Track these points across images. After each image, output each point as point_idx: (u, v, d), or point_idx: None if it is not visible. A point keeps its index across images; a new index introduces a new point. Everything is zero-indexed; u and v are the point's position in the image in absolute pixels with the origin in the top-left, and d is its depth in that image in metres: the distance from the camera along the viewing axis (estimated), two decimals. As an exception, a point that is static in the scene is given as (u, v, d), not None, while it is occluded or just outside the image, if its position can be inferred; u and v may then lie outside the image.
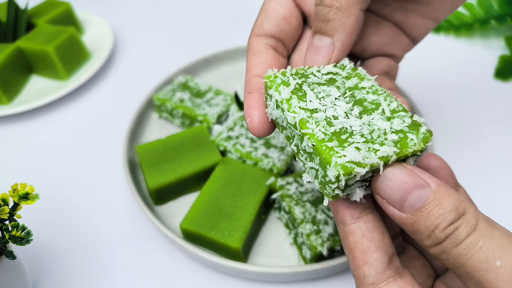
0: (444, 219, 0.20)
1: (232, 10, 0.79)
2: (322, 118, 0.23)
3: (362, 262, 0.23)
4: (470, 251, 0.19)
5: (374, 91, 0.26)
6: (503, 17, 0.64)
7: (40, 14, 0.67)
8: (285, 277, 0.39)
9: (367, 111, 0.24)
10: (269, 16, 0.30)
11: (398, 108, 0.24)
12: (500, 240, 0.19)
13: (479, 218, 0.20)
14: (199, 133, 0.49)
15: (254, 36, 0.30)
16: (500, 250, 0.19)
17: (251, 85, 0.28)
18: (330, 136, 0.23)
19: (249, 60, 0.30)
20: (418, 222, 0.21)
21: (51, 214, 0.47)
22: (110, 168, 0.51)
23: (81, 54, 0.64)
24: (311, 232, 0.39)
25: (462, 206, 0.20)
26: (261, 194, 0.42)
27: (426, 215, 0.20)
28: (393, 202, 0.21)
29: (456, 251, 0.20)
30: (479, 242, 0.19)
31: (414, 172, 0.21)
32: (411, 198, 0.21)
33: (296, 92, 0.25)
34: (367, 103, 0.25)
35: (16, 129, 0.58)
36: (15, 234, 0.32)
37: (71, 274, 0.42)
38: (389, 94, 0.25)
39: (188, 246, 0.39)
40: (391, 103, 0.25)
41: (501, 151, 0.51)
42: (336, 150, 0.22)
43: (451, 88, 0.60)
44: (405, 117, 0.24)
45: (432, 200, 0.20)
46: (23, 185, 0.33)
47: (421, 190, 0.21)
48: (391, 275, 0.23)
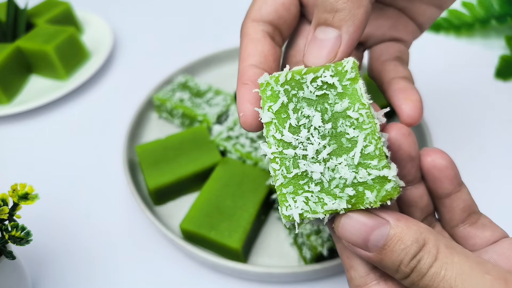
0: (407, 253, 0.21)
1: (232, 10, 0.79)
2: (291, 156, 0.23)
3: (348, 266, 0.25)
4: (434, 281, 0.20)
5: (359, 124, 0.23)
6: (504, 17, 0.64)
7: (40, 14, 0.67)
8: (285, 278, 0.39)
9: (340, 151, 0.23)
10: (268, 1, 0.28)
11: (374, 153, 0.22)
12: (460, 265, 0.20)
13: (439, 246, 0.21)
14: (199, 133, 0.49)
15: (250, 21, 0.29)
16: (461, 276, 0.20)
17: (246, 76, 0.27)
18: (289, 180, 0.23)
19: (244, 46, 0.28)
20: (384, 259, 0.22)
21: (50, 214, 0.47)
22: (110, 168, 0.51)
23: (81, 54, 0.64)
24: (311, 232, 0.39)
25: (422, 237, 0.21)
26: (261, 194, 0.42)
27: (390, 252, 0.21)
28: (357, 245, 0.22)
29: (422, 283, 0.21)
30: (441, 271, 0.20)
31: (372, 213, 0.22)
32: (373, 238, 0.22)
33: (280, 113, 0.24)
34: (344, 140, 0.23)
35: (16, 129, 0.58)
36: (15, 234, 0.32)
37: (70, 274, 0.42)
38: (373, 131, 0.22)
39: (188, 247, 0.39)
40: (369, 145, 0.22)
41: (502, 151, 0.51)
42: (287, 198, 0.23)
43: (452, 88, 0.60)
44: (375, 168, 0.22)
45: (392, 236, 0.21)
46: (23, 185, 0.33)
47: (381, 229, 0.22)
48: (375, 278, 0.24)
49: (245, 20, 0.29)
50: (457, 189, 0.26)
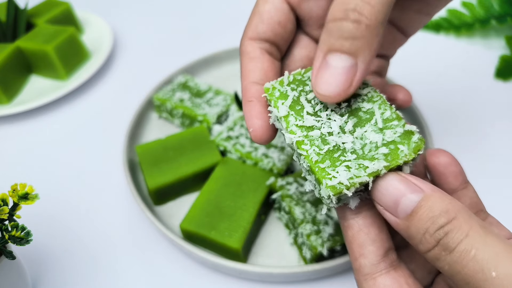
0: (433, 222, 0.20)
1: (232, 10, 0.79)
2: (317, 136, 0.24)
3: (359, 254, 0.24)
4: (463, 259, 0.19)
5: (369, 98, 0.25)
6: (504, 17, 0.64)
7: (40, 14, 0.67)
8: (285, 278, 0.39)
9: (361, 122, 0.25)
10: (264, 20, 0.29)
11: (392, 117, 0.25)
12: (493, 247, 0.19)
13: (473, 224, 0.20)
14: (199, 133, 0.49)
15: (248, 40, 0.29)
16: (494, 258, 0.19)
17: (250, 93, 0.28)
18: (323, 156, 0.24)
19: (244, 65, 0.29)
20: (410, 227, 0.21)
21: (50, 214, 0.47)
22: (110, 168, 0.51)
23: (81, 54, 0.64)
24: (311, 232, 0.39)
25: (454, 210, 0.20)
26: (261, 194, 0.42)
27: (417, 220, 0.21)
28: (388, 208, 0.22)
29: (450, 259, 0.20)
30: (472, 250, 0.19)
31: (407, 178, 0.22)
32: (403, 203, 0.21)
33: (294, 106, 0.26)
34: (361, 113, 0.25)
35: (16, 129, 0.58)
36: (15, 234, 0.32)
37: (71, 274, 0.42)
38: (384, 101, 0.25)
39: (188, 247, 0.39)
40: (385, 111, 0.25)
41: (502, 150, 0.51)
42: (328, 171, 0.23)
43: (452, 88, 0.60)
44: (398, 126, 0.24)
45: (423, 204, 0.21)
46: (23, 185, 0.33)
47: (413, 195, 0.21)
48: (385, 267, 0.24)
49: (242, 38, 0.30)
50: (463, 186, 0.26)
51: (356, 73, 0.23)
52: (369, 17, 0.22)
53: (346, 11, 0.22)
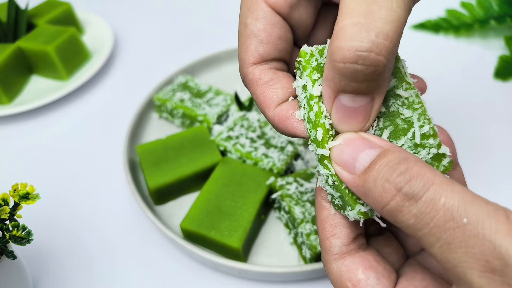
0: (393, 169, 0.19)
1: (233, 10, 0.79)
2: None
3: (330, 233, 0.24)
4: (432, 209, 0.18)
5: (410, 103, 0.23)
6: (503, 17, 0.64)
7: (41, 14, 0.67)
8: (285, 277, 0.39)
9: (398, 132, 0.23)
10: (263, 40, 0.26)
11: (429, 133, 0.23)
12: (462, 194, 0.18)
13: (435, 172, 0.19)
14: (199, 133, 0.49)
15: (251, 66, 0.26)
16: (464, 205, 0.17)
17: (284, 111, 0.25)
18: None
19: (261, 93, 0.25)
20: (367, 180, 0.20)
21: (51, 214, 0.47)
22: (111, 168, 0.51)
23: (82, 54, 0.64)
24: (311, 232, 0.39)
25: (414, 159, 0.19)
26: (261, 194, 0.42)
27: (374, 170, 0.19)
28: (345, 165, 0.21)
29: (417, 210, 0.18)
30: (441, 198, 0.18)
31: (367, 137, 0.21)
32: (361, 157, 0.20)
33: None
34: (399, 120, 0.23)
35: (17, 129, 0.58)
36: (16, 234, 0.32)
37: (71, 274, 0.42)
38: (424, 111, 0.23)
39: (188, 246, 0.39)
40: (424, 125, 0.23)
41: (501, 151, 0.51)
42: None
43: (451, 88, 0.60)
44: (433, 146, 0.22)
45: (381, 155, 0.20)
46: (24, 185, 0.33)
47: (371, 150, 0.20)
48: (354, 248, 0.24)
49: (243, 66, 0.26)
50: (453, 167, 0.26)
51: (371, 109, 0.22)
52: (386, 56, 0.19)
53: (358, 53, 0.19)
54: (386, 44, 0.19)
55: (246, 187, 0.43)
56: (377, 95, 0.21)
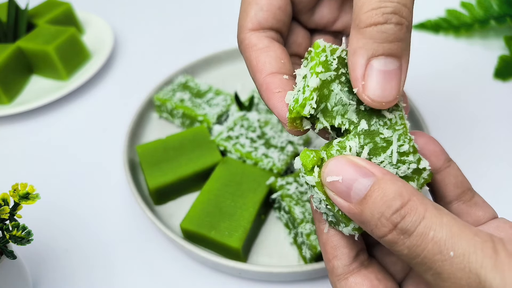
0: (388, 206, 0.20)
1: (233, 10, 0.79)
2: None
3: (332, 256, 0.25)
4: (422, 242, 0.19)
5: (391, 124, 0.24)
6: (503, 17, 0.64)
7: (41, 14, 0.67)
8: (285, 277, 0.39)
9: (377, 150, 0.24)
10: (263, 7, 0.27)
11: (409, 150, 0.24)
12: (449, 227, 0.19)
13: (427, 206, 0.20)
14: (199, 133, 0.49)
15: (249, 32, 0.27)
16: (451, 239, 0.19)
17: (275, 85, 0.26)
18: None
19: (253, 58, 0.27)
20: (364, 211, 0.21)
21: (51, 214, 0.47)
22: (111, 168, 0.51)
23: (82, 54, 0.64)
24: (311, 232, 0.39)
25: (407, 193, 0.20)
26: (261, 194, 0.42)
27: (371, 203, 0.20)
28: (340, 193, 0.22)
29: (409, 242, 0.19)
30: (430, 232, 0.19)
31: (358, 163, 0.22)
32: (356, 187, 0.21)
33: (323, 88, 0.23)
34: (379, 139, 0.24)
35: (17, 129, 0.58)
36: (16, 234, 0.32)
37: (71, 274, 0.42)
38: (405, 131, 0.24)
39: (188, 246, 0.39)
40: (403, 144, 0.24)
41: (501, 151, 0.51)
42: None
43: (451, 88, 0.60)
44: (412, 162, 0.24)
45: (376, 188, 0.21)
46: (24, 185, 0.33)
47: (365, 179, 0.21)
48: (356, 267, 0.25)
49: (241, 31, 0.28)
50: (446, 165, 0.26)
51: (401, 74, 0.23)
52: (408, 19, 0.22)
53: (385, 14, 0.21)
54: (406, 9, 0.22)
55: (246, 187, 0.43)
56: (404, 62, 0.23)
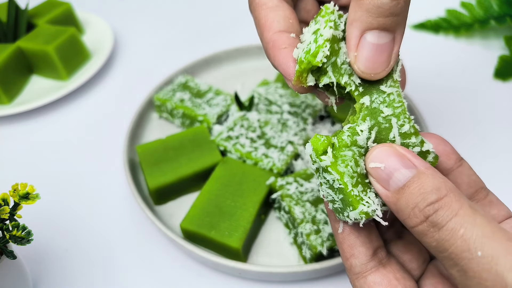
0: (423, 198, 0.20)
1: (233, 10, 0.79)
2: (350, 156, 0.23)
3: (349, 254, 0.25)
4: (452, 237, 0.19)
5: (390, 101, 0.24)
6: (503, 17, 0.64)
7: (41, 14, 0.67)
8: (285, 277, 0.39)
9: (381, 132, 0.24)
10: None
11: (410, 131, 0.24)
12: (482, 227, 0.19)
13: (463, 203, 0.20)
14: (199, 133, 0.49)
15: None
16: (481, 239, 0.19)
17: (281, 41, 0.26)
18: (356, 180, 0.23)
19: (263, 17, 0.27)
20: (400, 200, 0.21)
21: (51, 214, 0.47)
22: (111, 168, 0.51)
23: (82, 54, 0.64)
24: (311, 232, 0.39)
25: (446, 188, 0.21)
26: (261, 194, 0.42)
27: (408, 194, 0.21)
28: (380, 180, 0.22)
29: (438, 236, 0.20)
30: (461, 229, 0.19)
31: (403, 154, 0.22)
32: (396, 176, 0.22)
33: (333, 42, 0.24)
34: (381, 119, 0.24)
35: (17, 129, 0.58)
36: (16, 234, 0.32)
37: (71, 274, 0.42)
38: (404, 110, 0.24)
39: (188, 246, 0.39)
40: (404, 124, 0.24)
41: (501, 151, 0.51)
42: (362, 197, 0.23)
43: (451, 88, 0.60)
44: (415, 145, 0.24)
45: (416, 180, 0.21)
46: (24, 185, 0.33)
47: (406, 170, 0.22)
48: (374, 265, 0.25)
49: None
50: (457, 164, 0.26)
51: (394, 46, 0.24)
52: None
53: None
54: None
55: (246, 187, 0.43)
56: (398, 35, 0.23)
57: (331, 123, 0.52)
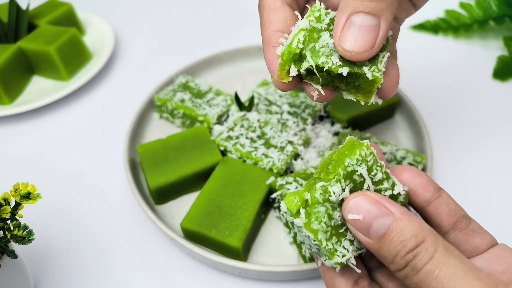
0: (404, 246, 0.22)
1: (233, 11, 0.79)
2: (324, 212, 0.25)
3: (331, 286, 0.27)
4: (428, 279, 0.21)
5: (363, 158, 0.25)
6: (502, 17, 0.64)
7: (42, 14, 0.68)
8: (284, 276, 0.39)
9: (356, 187, 0.25)
10: None
11: (382, 177, 0.26)
12: (454, 268, 0.21)
13: (438, 246, 0.22)
14: (200, 133, 0.49)
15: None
16: (454, 279, 0.21)
17: (273, 39, 0.28)
18: (330, 233, 0.25)
19: (265, 16, 0.30)
20: (382, 248, 0.23)
21: (52, 214, 0.47)
22: (111, 168, 0.52)
23: (83, 54, 0.64)
24: (311, 231, 0.39)
25: (422, 234, 0.22)
26: (261, 194, 0.43)
27: (389, 242, 0.22)
28: (360, 229, 0.23)
29: (416, 278, 0.21)
30: (436, 271, 0.21)
31: (378, 201, 0.23)
32: (375, 226, 0.23)
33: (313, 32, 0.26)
34: (356, 177, 0.25)
35: (18, 129, 0.59)
36: (17, 233, 0.32)
37: (72, 274, 0.42)
38: (375, 160, 0.26)
39: (189, 245, 0.39)
40: (377, 173, 0.26)
41: (500, 151, 0.51)
42: (336, 248, 0.25)
43: (450, 88, 0.60)
44: (387, 189, 0.26)
45: (394, 227, 0.22)
46: (25, 185, 0.33)
47: (384, 219, 0.23)
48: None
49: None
50: (436, 195, 0.26)
51: (379, 32, 0.25)
52: None
53: None
54: None
55: (246, 187, 0.43)
56: (383, 22, 0.24)
57: (330, 123, 0.52)
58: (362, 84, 0.27)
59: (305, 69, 0.27)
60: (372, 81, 0.26)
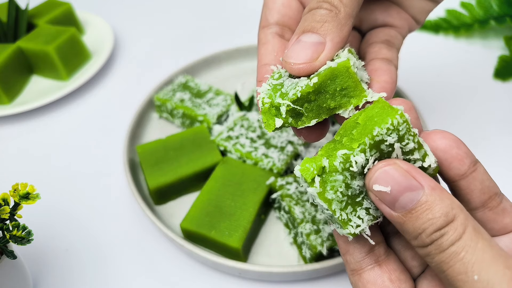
0: (432, 224, 0.20)
1: (233, 11, 0.79)
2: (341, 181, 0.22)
3: (345, 250, 0.25)
4: (451, 260, 0.20)
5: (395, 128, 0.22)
6: (503, 17, 0.64)
7: (41, 14, 0.67)
8: (285, 277, 0.39)
9: (382, 156, 0.23)
10: (269, 7, 0.32)
11: (414, 147, 0.23)
12: (482, 252, 0.20)
13: (467, 227, 0.20)
14: (199, 133, 0.49)
15: (261, 29, 0.32)
16: (480, 263, 0.19)
17: (261, 75, 0.30)
18: (345, 203, 0.23)
19: (258, 51, 0.32)
20: (407, 223, 0.21)
21: (51, 214, 0.47)
22: (111, 168, 0.52)
23: (82, 54, 0.64)
24: (311, 232, 0.39)
25: (453, 212, 0.20)
26: (261, 194, 0.42)
27: (415, 218, 0.21)
28: (385, 201, 0.22)
29: (438, 258, 0.20)
30: (462, 252, 0.20)
31: (408, 172, 0.21)
32: (402, 199, 0.21)
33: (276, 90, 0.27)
34: (384, 146, 0.22)
35: (17, 129, 0.58)
36: (16, 234, 0.32)
37: (71, 274, 0.42)
38: (408, 129, 0.22)
39: (188, 246, 0.39)
40: (408, 143, 0.22)
41: (501, 151, 0.51)
42: (350, 218, 0.23)
43: (451, 88, 0.60)
44: (418, 160, 0.23)
45: (423, 203, 0.21)
46: (24, 185, 0.33)
47: (413, 192, 0.21)
48: (370, 263, 0.25)
49: (258, 30, 0.32)
50: (471, 170, 0.24)
51: (323, 49, 0.26)
52: (339, 8, 0.26)
53: (320, 2, 0.27)
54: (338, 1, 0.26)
55: (246, 187, 0.43)
56: (329, 41, 0.26)
57: (331, 123, 0.52)
58: (343, 84, 0.25)
59: (290, 114, 0.26)
60: (347, 74, 0.25)
